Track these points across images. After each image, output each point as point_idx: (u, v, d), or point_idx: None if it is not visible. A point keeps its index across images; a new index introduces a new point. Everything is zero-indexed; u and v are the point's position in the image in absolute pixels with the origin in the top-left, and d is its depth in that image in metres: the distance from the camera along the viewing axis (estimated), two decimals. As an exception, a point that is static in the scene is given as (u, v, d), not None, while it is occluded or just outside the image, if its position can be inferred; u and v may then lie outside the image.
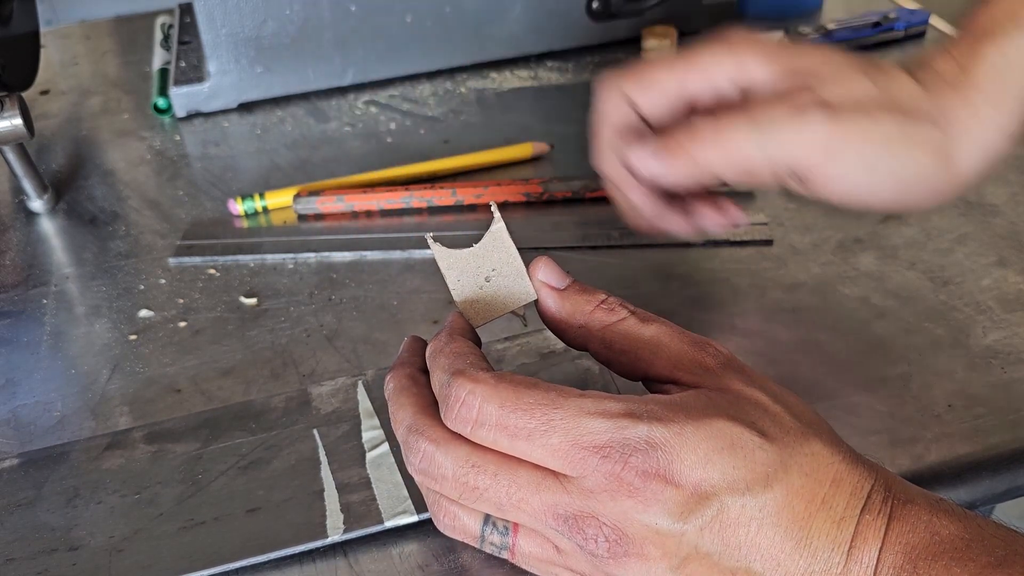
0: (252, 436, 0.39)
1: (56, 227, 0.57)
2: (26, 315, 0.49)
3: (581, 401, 0.28)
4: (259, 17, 0.64)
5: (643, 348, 0.31)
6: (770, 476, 0.27)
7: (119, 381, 0.44)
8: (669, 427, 0.27)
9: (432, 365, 0.32)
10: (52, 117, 0.69)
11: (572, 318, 0.33)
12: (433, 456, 0.29)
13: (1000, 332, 0.42)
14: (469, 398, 0.29)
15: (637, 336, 0.32)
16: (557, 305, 0.33)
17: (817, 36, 0.67)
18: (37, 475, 0.38)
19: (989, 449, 0.37)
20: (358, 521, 0.35)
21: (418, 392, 0.32)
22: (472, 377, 0.29)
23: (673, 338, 0.31)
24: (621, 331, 0.32)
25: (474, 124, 0.64)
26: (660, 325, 0.32)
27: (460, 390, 0.29)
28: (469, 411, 0.29)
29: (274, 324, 0.47)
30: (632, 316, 0.32)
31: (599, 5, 0.68)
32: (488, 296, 0.34)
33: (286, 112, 0.67)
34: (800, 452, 0.28)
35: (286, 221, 0.55)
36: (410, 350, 0.35)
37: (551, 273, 0.34)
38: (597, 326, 0.32)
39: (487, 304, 0.34)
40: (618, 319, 0.32)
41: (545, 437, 0.28)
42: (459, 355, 0.31)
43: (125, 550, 0.35)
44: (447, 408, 0.29)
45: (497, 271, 0.34)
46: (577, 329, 0.33)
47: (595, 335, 0.32)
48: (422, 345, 0.34)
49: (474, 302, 0.34)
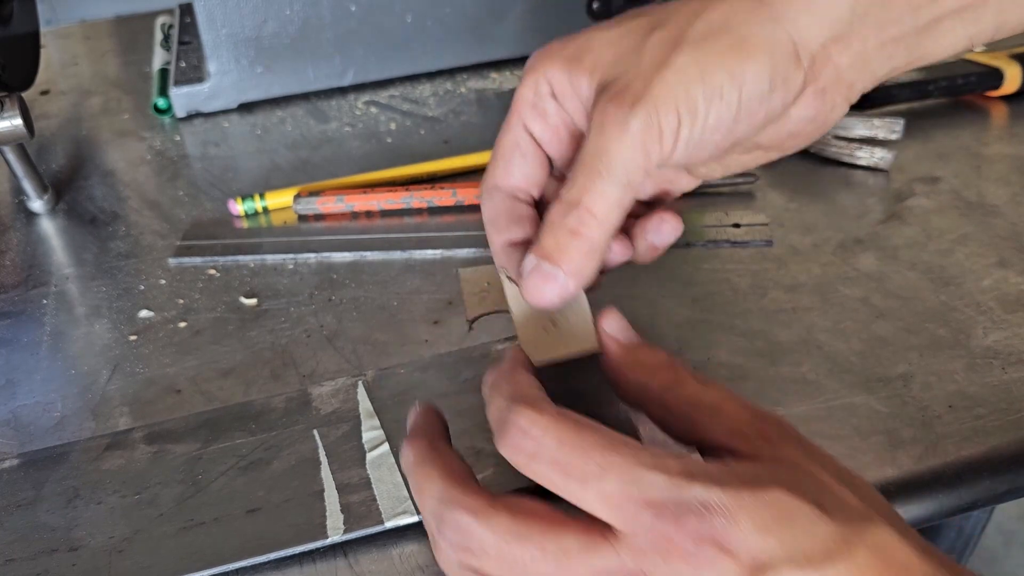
0: (252, 436, 0.39)
1: (56, 227, 0.57)
2: (26, 315, 0.49)
3: (640, 453, 0.27)
4: (259, 17, 0.64)
5: (702, 412, 0.30)
6: (832, 552, 0.25)
7: (119, 381, 0.44)
8: (727, 492, 0.26)
9: (492, 392, 0.31)
10: (52, 117, 0.69)
11: (633, 374, 0.32)
12: (472, 529, 0.28)
13: (1000, 332, 0.42)
14: (531, 428, 0.28)
15: (697, 400, 0.31)
16: (620, 359, 0.33)
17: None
18: (37, 475, 0.38)
19: (989, 450, 0.37)
20: (358, 521, 0.35)
21: (443, 460, 0.30)
22: (537, 407, 0.28)
23: (734, 405, 0.30)
24: (681, 394, 0.31)
25: (474, 124, 0.64)
26: (721, 391, 0.31)
27: (522, 418, 0.28)
28: (528, 441, 0.28)
29: (274, 324, 0.47)
30: (693, 380, 0.31)
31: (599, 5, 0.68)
32: (552, 338, 0.34)
33: (286, 112, 0.67)
34: (865, 532, 0.26)
35: (286, 221, 0.55)
36: (425, 418, 0.33)
37: (619, 326, 0.33)
38: (657, 386, 0.32)
39: (549, 345, 0.34)
40: (679, 381, 0.31)
41: (599, 483, 0.27)
42: (523, 385, 0.30)
43: (125, 550, 0.35)
44: (505, 434, 0.28)
45: (563, 315, 0.34)
46: (636, 386, 0.32)
47: (654, 395, 0.32)
48: (436, 415, 0.33)
49: (536, 341, 0.34)
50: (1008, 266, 0.46)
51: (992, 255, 0.47)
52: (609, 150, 0.31)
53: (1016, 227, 0.49)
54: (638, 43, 0.32)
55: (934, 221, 0.50)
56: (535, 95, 0.35)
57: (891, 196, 0.52)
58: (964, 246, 0.48)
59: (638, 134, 0.31)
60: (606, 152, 0.31)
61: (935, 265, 0.47)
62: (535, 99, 0.35)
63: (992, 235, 0.48)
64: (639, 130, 0.31)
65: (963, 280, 0.46)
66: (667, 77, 0.31)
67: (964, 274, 0.46)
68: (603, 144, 0.31)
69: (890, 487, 0.36)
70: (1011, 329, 0.42)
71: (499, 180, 0.36)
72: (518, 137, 0.36)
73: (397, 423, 0.39)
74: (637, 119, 0.31)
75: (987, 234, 0.48)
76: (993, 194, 0.51)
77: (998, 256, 0.47)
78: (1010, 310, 0.43)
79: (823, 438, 0.38)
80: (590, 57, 0.33)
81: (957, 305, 0.44)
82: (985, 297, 0.44)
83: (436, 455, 0.31)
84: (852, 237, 0.49)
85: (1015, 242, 0.48)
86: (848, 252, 0.48)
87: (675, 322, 0.38)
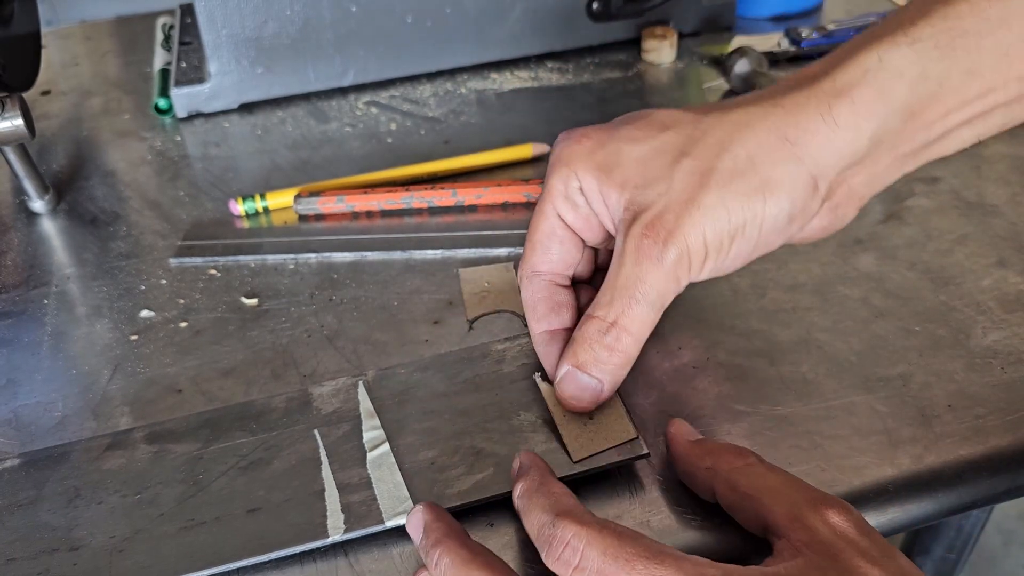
0: (253, 436, 0.39)
1: (57, 228, 0.57)
2: (27, 315, 0.49)
3: (681, 562, 0.28)
4: (260, 18, 0.64)
5: (766, 495, 0.31)
6: None
7: (120, 381, 0.44)
8: None
9: (529, 505, 0.32)
10: (53, 118, 0.70)
11: (701, 460, 0.34)
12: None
13: (1000, 332, 0.42)
14: (574, 541, 0.29)
15: (762, 482, 0.32)
16: (688, 449, 0.35)
17: (817, 37, 0.67)
18: (38, 475, 0.39)
19: (989, 449, 0.37)
20: (359, 521, 0.35)
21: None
22: (579, 520, 0.29)
23: (794, 489, 0.31)
24: (748, 474, 0.32)
25: (474, 125, 0.64)
26: (787, 476, 0.32)
27: (566, 532, 0.29)
28: (573, 555, 0.29)
29: (275, 324, 0.47)
30: (761, 464, 0.33)
31: (599, 6, 0.68)
32: (590, 432, 0.36)
33: (287, 113, 0.67)
34: None
35: (287, 221, 0.55)
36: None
37: (685, 428, 0.36)
38: (725, 468, 0.33)
39: (588, 440, 0.36)
40: (746, 463, 0.33)
41: None
42: (560, 496, 0.31)
43: (126, 550, 0.35)
44: (550, 549, 0.29)
45: (600, 413, 0.37)
46: (705, 471, 0.33)
47: (722, 476, 0.33)
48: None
49: (577, 436, 0.36)
50: (1007, 266, 0.46)
51: (991, 255, 0.47)
52: (646, 279, 0.34)
53: (1016, 227, 0.49)
54: (667, 168, 0.34)
55: (934, 221, 0.50)
56: (566, 188, 0.37)
57: (891, 196, 0.52)
58: (964, 246, 0.48)
59: (671, 267, 0.34)
60: (643, 281, 0.34)
61: (934, 265, 0.47)
62: (566, 192, 0.37)
63: (992, 235, 0.48)
64: (672, 264, 0.34)
65: (962, 280, 0.46)
66: (696, 216, 0.33)
67: (964, 274, 0.46)
68: (639, 273, 0.34)
69: (889, 486, 0.36)
70: (1010, 329, 0.42)
71: (538, 265, 0.39)
72: (553, 224, 0.38)
73: (397, 423, 0.39)
74: (670, 254, 0.34)
75: (987, 234, 0.49)
76: (992, 194, 0.51)
77: (997, 256, 0.47)
78: (1009, 310, 0.43)
79: (823, 437, 0.38)
80: (620, 172, 0.35)
81: (956, 305, 0.44)
82: (984, 297, 0.44)
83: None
84: (852, 237, 0.49)
85: (1014, 242, 0.48)
86: (848, 252, 0.48)
87: (675, 322, 0.38)
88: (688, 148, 0.34)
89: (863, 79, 0.33)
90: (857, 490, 0.36)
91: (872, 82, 0.33)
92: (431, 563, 0.32)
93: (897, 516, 0.36)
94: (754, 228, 0.34)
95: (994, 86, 0.33)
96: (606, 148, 0.35)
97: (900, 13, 0.34)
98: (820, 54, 0.67)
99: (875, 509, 0.35)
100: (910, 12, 0.34)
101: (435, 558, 0.31)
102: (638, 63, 0.70)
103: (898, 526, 0.36)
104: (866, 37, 0.34)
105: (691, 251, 0.34)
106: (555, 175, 0.37)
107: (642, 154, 0.35)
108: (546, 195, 0.38)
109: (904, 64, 0.33)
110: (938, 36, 0.32)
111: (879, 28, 0.34)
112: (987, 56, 0.33)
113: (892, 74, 0.33)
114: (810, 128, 0.33)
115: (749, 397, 0.40)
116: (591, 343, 0.35)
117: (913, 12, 0.33)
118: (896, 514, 0.35)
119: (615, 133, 0.36)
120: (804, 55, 0.67)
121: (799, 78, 0.35)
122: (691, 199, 0.33)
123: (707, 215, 0.33)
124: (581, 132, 0.37)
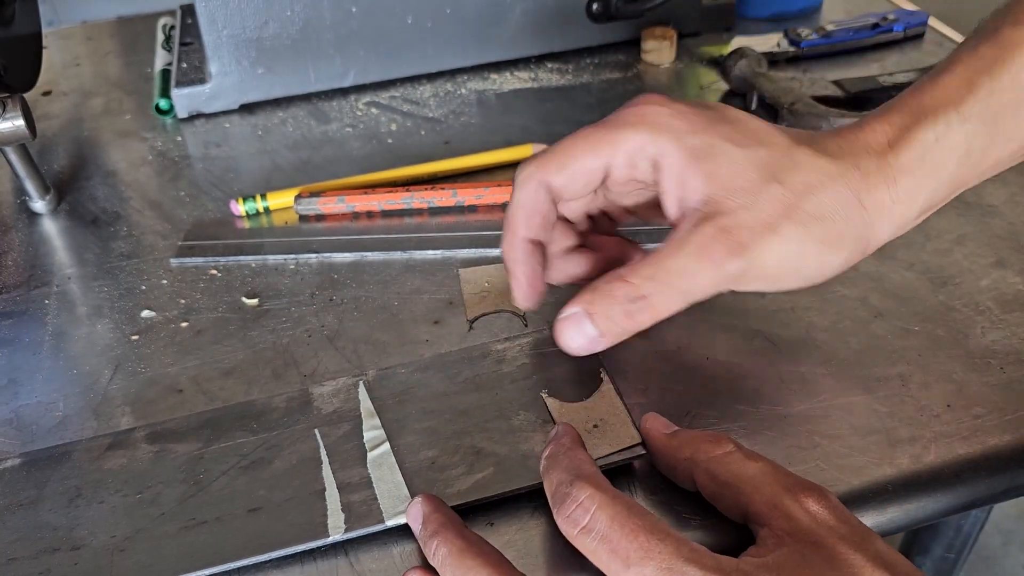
0: (253, 436, 0.39)
1: (58, 228, 0.57)
2: (28, 315, 0.49)
3: (681, 545, 0.28)
4: (260, 18, 0.64)
5: (746, 483, 0.32)
6: None
7: (121, 381, 0.44)
8: None
9: (551, 465, 0.33)
10: (54, 118, 0.70)
11: (679, 451, 0.34)
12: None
13: (999, 332, 0.42)
14: (587, 502, 0.30)
15: (741, 471, 0.32)
16: (665, 441, 0.35)
17: (816, 37, 0.67)
18: (39, 475, 0.39)
19: (988, 449, 0.37)
20: (359, 521, 0.35)
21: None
22: (596, 484, 0.30)
23: (772, 477, 0.32)
24: (727, 463, 0.33)
25: (474, 125, 0.64)
26: (765, 463, 0.32)
27: (581, 492, 0.30)
28: (583, 515, 0.30)
29: (275, 324, 0.47)
30: (738, 451, 0.33)
31: (599, 7, 0.68)
32: (595, 439, 0.37)
33: (287, 113, 0.67)
34: None
35: (287, 222, 0.55)
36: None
37: (660, 422, 0.36)
38: (703, 457, 0.33)
39: (593, 446, 0.36)
40: (724, 452, 0.33)
41: (640, 566, 0.28)
42: (584, 462, 0.32)
43: (127, 549, 0.35)
44: (563, 506, 0.30)
45: (604, 420, 0.38)
46: (684, 461, 0.34)
47: (701, 466, 0.33)
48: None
49: None
50: (1006, 266, 0.46)
51: (990, 255, 0.47)
52: (697, 277, 0.35)
53: (1014, 227, 0.49)
54: (757, 184, 0.35)
55: (932, 221, 0.50)
56: (637, 148, 0.36)
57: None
58: (962, 246, 0.48)
59: (726, 276, 0.35)
60: (694, 277, 0.35)
61: (933, 265, 0.47)
62: (633, 150, 0.37)
63: (990, 235, 0.49)
64: (730, 274, 0.34)
65: (961, 280, 0.46)
66: (770, 242, 0.34)
67: (962, 274, 0.46)
68: (695, 268, 0.34)
69: (888, 486, 0.36)
70: (1009, 329, 0.43)
71: (552, 175, 0.38)
72: (598, 161, 0.37)
73: (397, 422, 0.39)
74: (733, 266, 0.34)
75: (985, 234, 0.49)
76: (991, 194, 0.52)
77: (996, 256, 0.47)
78: (1008, 310, 0.44)
79: (821, 437, 0.38)
80: (710, 166, 0.35)
81: (955, 305, 0.44)
82: (983, 297, 0.45)
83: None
84: (851, 237, 0.49)
85: (1013, 242, 0.48)
86: (847, 252, 0.48)
87: (675, 322, 0.38)
88: (780, 175, 0.35)
89: (922, 159, 0.35)
90: (856, 490, 0.36)
91: (929, 161, 0.35)
92: (429, 553, 0.33)
93: (896, 516, 0.36)
94: (811, 271, 0.36)
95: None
96: (701, 137, 0.36)
97: (948, 80, 0.36)
98: (820, 55, 0.68)
99: (874, 509, 0.35)
100: (958, 84, 0.36)
101: (433, 548, 0.32)
102: (638, 64, 0.70)
103: (897, 526, 0.36)
104: (923, 107, 0.36)
105: (752, 270, 0.35)
106: (634, 131, 0.36)
107: (737, 159, 0.35)
108: (611, 133, 0.37)
109: (956, 142, 0.35)
110: (984, 113, 0.35)
111: (931, 97, 0.36)
112: (1023, 122, 0.36)
113: (946, 153, 0.35)
114: (878, 198, 0.35)
115: (749, 397, 0.40)
116: (614, 301, 0.35)
117: (962, 85, 0.36)
118: (895, 514, 0.36)
119: (712, 128, 0.36)
120: (803, 56, 0.68)
121: (870, 142, 0.36)
122: (771, 225, 0.34)
123: (781, 245, 0.34)
124: (676, 108, 0.37)
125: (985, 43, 0.36)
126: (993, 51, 0.35)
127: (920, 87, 0.37)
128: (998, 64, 0.35)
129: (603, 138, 0.37)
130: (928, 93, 0.36)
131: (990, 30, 0.36)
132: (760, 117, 0.38)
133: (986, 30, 0.37)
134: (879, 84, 0.60)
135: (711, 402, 0.39)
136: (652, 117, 0.37)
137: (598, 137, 0.37)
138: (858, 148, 0.36)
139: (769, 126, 0.37)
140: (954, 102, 0.35)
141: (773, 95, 0.58)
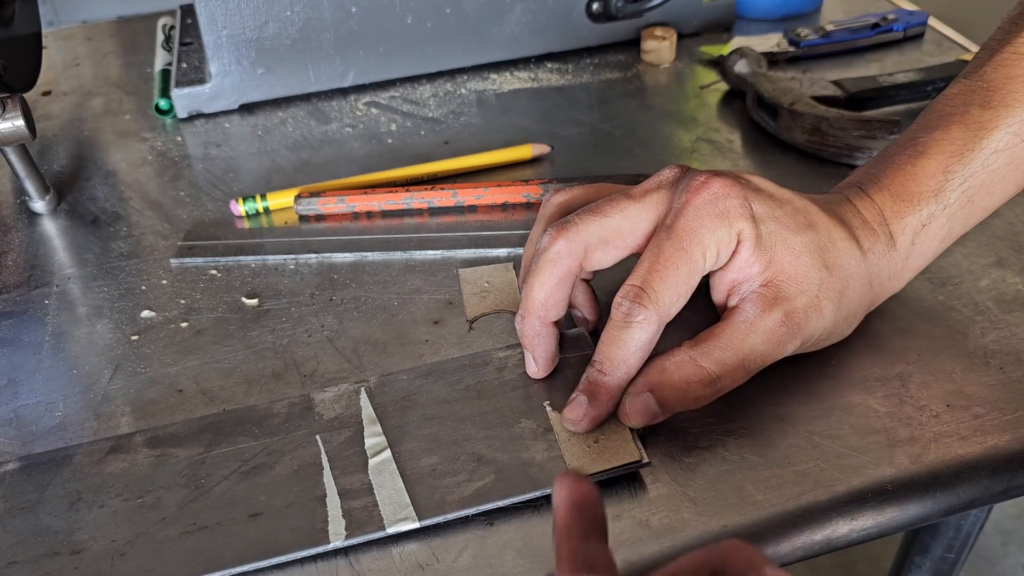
0: (255, 441, 0.39)
1: (58, 228, 0.57)
2: (28, 315, 0.49)
3: None
4: (260, 18, 0.64)
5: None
6: None
7: (121, 381, 0.44)
8: None
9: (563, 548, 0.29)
10: (54, 118, 0.70)
11: None
12: None
13: (998, 332, 0.42)
14: None
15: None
16: None
17: (816, 37, 0.67)
18: (40, 478, 0.39)
19: (987, 449, 0.37)
20: (360, 527, 0.35)
21: None
22: None
23: None
24: None
25: (474, 125, 0.64)
26: None
27: None
28: None
29: (275, 325, 0.47)
30: None
31: (599, 7, 0.68)
32: (594, 454, 0.37)
33: (287, 113, 0.67)
34: None
35: (287, 222, 0.55)
36: None
37: None
38: None
39: (592, 460, 0.37)
40: None
41: None
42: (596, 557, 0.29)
43: (127, 554, 0.35)
44: None
45: (605, 435, 0.38)
46: None
47: None
48: None
49: (580, 458, 0.37)
50: (1006, 266, 0.46)
51: (989, 255, 0.47)
52: (764, 360, 0.38)
53: (1013, 227, 0.49)
54: (810, 269, 0.38)
55: (932, 221, 0.50)
56: (725, 234, 0.38)
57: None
58: (962, 246, 0.48)
59: (786, 352, 0.39)
60: (764, 359, 0.38)
61: (933, 265, 0.47)
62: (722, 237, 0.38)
63: (989, 235, 0.49)
64: (786, 353, 0.39)
65: (961, 280, 0.46)
66: (818, 321, 0.38)
67: (962, 274, 0.46)
68: (765, 352, 0.38)
69: (888, 486, 0.36)
70: (1008, 329, 0.43)
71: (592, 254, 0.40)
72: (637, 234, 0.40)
73: (399, 429, 0.39)
74: (793, 345, 0.38)
75: (984, 234, 0.49)
76: (991, 194, 0.51)
77: (995, 256, 0.47)
78: (1007, 310, 0.44)
79: (821, 437, 0.38)
80: (771, 252, 0.38)
81: (955, 305, 0.44)
82: (983, 297, 0.45)
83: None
84: (851, 237, 0.49)
85: (1012, 242, 0.48)
86: (847, 252, 0.48)
87: (675, 322, 0.38)
88: (828, 260, 0.39)
89: (912, 243, 0.41)
90: (856, 490, 0.36)
91: (919, 244, 0.41)
92: None
93: (896, 516, 0.36)
94: (835, 336, 0.41)
95: (998, 206, 0.42)
96: (767, 225, 0.38)
97: (927, 166, 0.40)
98: (819, 55, 0.68)
99: (874, 509, 0.35)
100: (934, 171, 0.40)
101: None
102: (637, 64, 0.70)
103: (897, 526, 0.36)
104: (909, 194, 0.40)
105: (801, 347, 0.39)
106: (726, 220, 0.38)
107: (794, 246, 0.38)
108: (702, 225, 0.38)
109: (939, 225, 0.41)
110: (961, 198, 0.40)
111: (915, 183, 0.40)
112: (997, 198, 0.41)
113: (931, 235, 0.41)
114: (883, 282, 0.41)
115: (748, 397, 0.40)
116: (689, 386, 0.37)
117: (938, 172, 0.40)
118: (895, 514, 0.36)
119: (772, 213, 0.39)
120: (803, 56, 0.68)
121: (873, 224, 0.41)
122: (819, 307, 0.38)
123: (823, 321, 0.39)
124: (743, 197, 0.38)
125: (957, 124, 0.40)
126: (964, 134, 0.40)
127: (902, 168, 0.41)
128: (969, 149, 0.40)
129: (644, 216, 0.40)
130: (911, 178, 0.40)
131: (960, 106, 0.41)
132: (760, 119, 0.38)
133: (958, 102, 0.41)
134: (879, 84, 0.60)
135: (711, 403, 0.39)
136: None
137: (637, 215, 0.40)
138: (868, 232, 0.40)
139: (807, 202, 0.40)
140: (933, 191, 0.40)
141: (773, 95, 0.58)
